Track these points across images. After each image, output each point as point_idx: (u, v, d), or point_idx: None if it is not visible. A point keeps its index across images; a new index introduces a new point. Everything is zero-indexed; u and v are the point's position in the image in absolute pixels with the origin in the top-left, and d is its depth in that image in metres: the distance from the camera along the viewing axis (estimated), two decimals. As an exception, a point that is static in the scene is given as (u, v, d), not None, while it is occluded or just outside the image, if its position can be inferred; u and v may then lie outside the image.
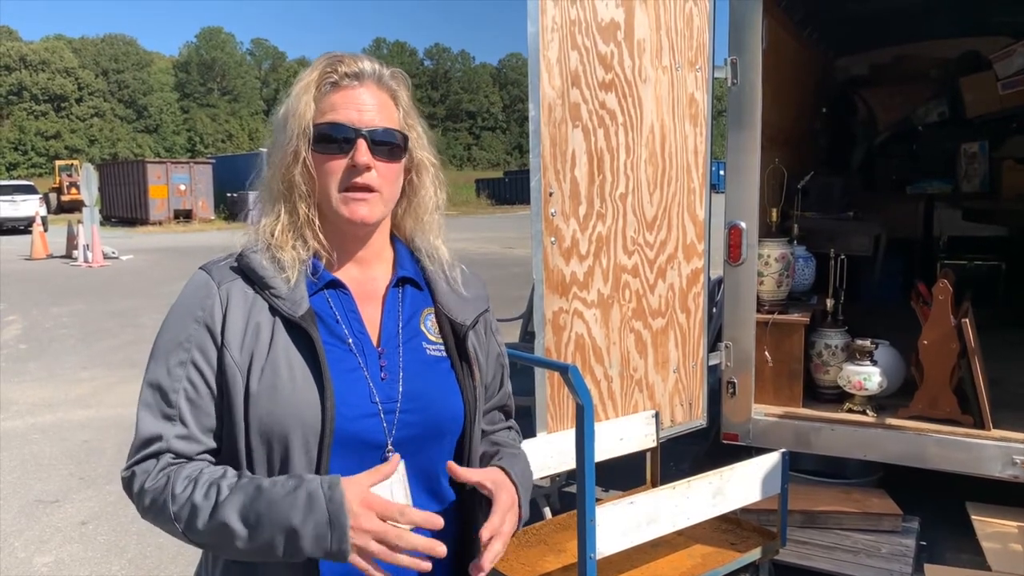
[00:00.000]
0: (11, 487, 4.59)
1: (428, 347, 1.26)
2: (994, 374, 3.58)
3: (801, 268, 3.93)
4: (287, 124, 1.20)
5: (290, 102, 1.21)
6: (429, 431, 1.22)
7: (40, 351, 8.35)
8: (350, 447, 1.15)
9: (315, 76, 1.21)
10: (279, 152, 1.21)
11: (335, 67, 1.21)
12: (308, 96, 1.19)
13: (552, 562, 2.55)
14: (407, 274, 1.29)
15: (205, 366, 1.15)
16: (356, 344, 1.20)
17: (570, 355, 3.06)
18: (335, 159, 1.18)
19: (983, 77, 5.36)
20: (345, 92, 1.20)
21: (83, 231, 16.51)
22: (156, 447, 1.14)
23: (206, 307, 1.17)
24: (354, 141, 1.18)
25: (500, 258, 16.14)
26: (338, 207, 1.19)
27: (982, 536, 3.10)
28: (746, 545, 2.63)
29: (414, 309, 1.28)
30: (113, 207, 30.74)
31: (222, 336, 1.15)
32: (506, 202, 39.06)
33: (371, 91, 1.21)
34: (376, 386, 1.18)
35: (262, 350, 1.15)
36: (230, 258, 1.22)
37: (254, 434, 1.13)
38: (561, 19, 2.87)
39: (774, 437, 3.53)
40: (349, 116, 1.19)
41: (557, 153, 2.92)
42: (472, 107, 79.07)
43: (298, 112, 1.19)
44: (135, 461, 1.16)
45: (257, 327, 1.16)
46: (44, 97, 60.46)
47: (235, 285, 1.18)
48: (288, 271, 1.18)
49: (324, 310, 1.20)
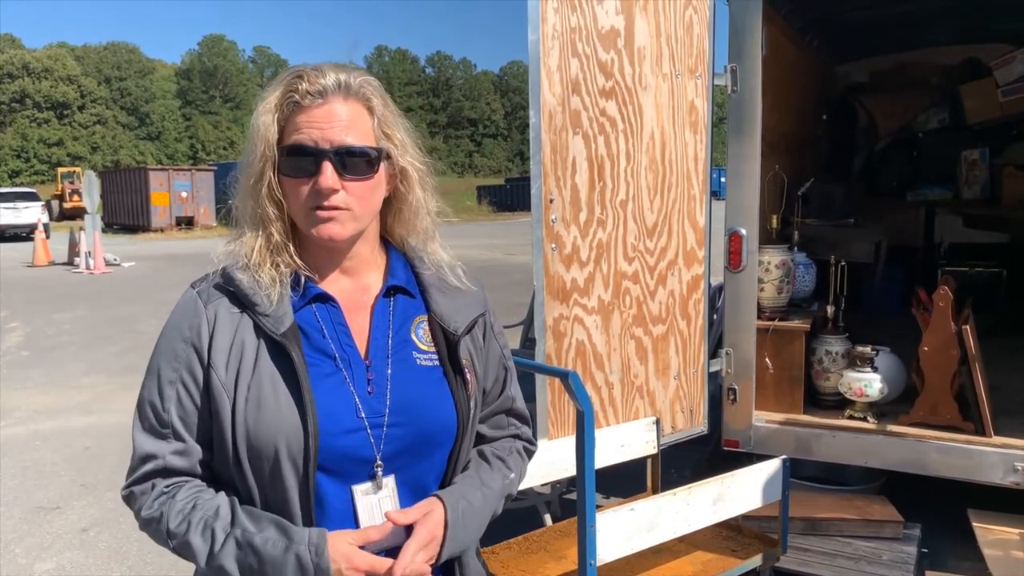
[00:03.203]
0: (12, 494, 4.59)
1: (419, 356, 1.24)
2: (995, 381, 3.58)
3: (802, 275, 3.93)
4: (254, 148, 1.17)
5: (254, 122, 1.17)
6: (419, 443, 1.20)
7: (42, 358, 8.35)
8: (338, 463, 1.14)
9: (276, 95, 1.16)
10: (247, 176, 1.19)
11: (296, 85, 1.15)
12: (269, 117, 1.16)
13: (553, 569, 2.54)
14: (397, 283, 1.26)
15: (192, 385, 1.16)
16: (343, 358, 1.18)
17: (571, 361, 3.06)
18: (301, 182, 1.15)
19: (983, 84, 5.37)
20: (309, 111, 1.15)
21: (85, 238, 16.53)
22: (153, 465, 1.17)
23: (193, 327, 1.17)
24: (319, 162, 1.13)
25: (501, 265, 16.14)
26: (307, 227, 1.17)
27: (983, 543, 3.09)
28: (747, 552, 2.62)
29: (405, 318, 1.25)
30: (115, 214, 30.77)
31: (208, 356, 1.15)
32: (507, 209, 39.08)
33: (338, 105, 1.15)
34: (362, 400, 1.17)
35: (247, 369, 1.14)
36: (215, 275, 1.21)
37: (242, 452, 1.13)
38: (562, 27, 2.88)
39: (775, 444, 3.52)
40: (312, 136, 1.14)
41: (558, 160, 2.93)
42: (473, 114, 79.25)
43: (260, 134, 1.16)
44: (133, 480, 1.19)
45: (242, 345, 1.15)
46: (47, 104, 60.68)
47: (221, 304, 1.18)
48: (269, 289, 1.17)
49: (310, 324, 1.19)
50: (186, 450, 1.17)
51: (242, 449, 1.13)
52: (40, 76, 60.34)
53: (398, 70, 76.47)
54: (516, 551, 2.66)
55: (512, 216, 35.83)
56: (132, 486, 1.19)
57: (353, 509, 1.16)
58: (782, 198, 4.02)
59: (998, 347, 4.17)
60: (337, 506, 1.15)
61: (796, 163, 4.66)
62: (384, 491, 1.17)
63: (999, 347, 4.22)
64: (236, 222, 1.23)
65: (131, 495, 1.19)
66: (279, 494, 1.14)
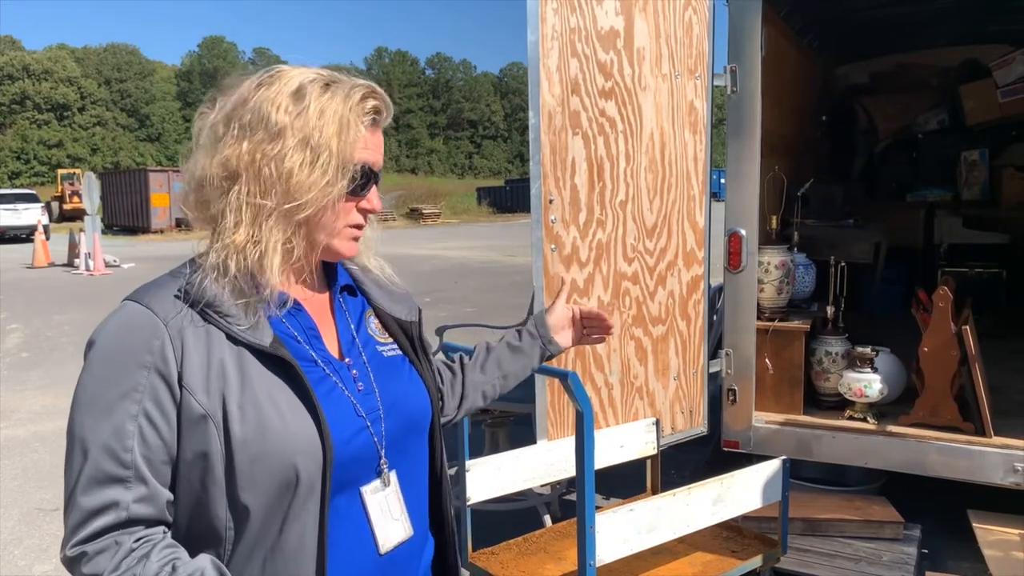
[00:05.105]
0: (11, 495, 4.59)
1: (383, 349, 1.24)
2: (995, 381, 3.58)
3: (801, 275, 3.93)
4: (321, 152, 1.06)
5: (323, 127, 1.07)
6: (408, 431, 1.21)
7: (42, 359, 8.35)
8: (349, 469, 1.10)
9: (365, 108, 1.11)
10: (305, 178, 1.06)
11: (380, 100, 1.12)
12: (357, 131, 1.09)
13: (552, 570, 2.54)
14: (345, 282, 1.26)
15: (160, 419, 1.01)
16: (324, 362, 1.14)
17: (570, 362, 3.06)
18: (354, 200, 1.14)
19: (983, 85, 5.38)
20: (375, 131, 1.14)
21: (85, 239, 16.54)
22: (113, 517, 0.99)
23: (154, 349, 1.01)
24: (373, 185, 1.15)
25: (501, 266, 16.15)
26: (338, 243, 1.14)
27: (984, 544, 3.09)
28: (747, 553, 2.62)
29: (357, 315, 1.25)
30: (115, 215, 30.79)
31: (180, 381, 1.01)
32: (507, 210, 39.11)
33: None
34: (357, 399, 1.14)
35: (234, 389, 1.02)
36: (170, 284, 1.08)
37: (245, 484, 1.01)
38: (561, 27, 2.88)
39: (775, 444, 3.52)
40: (376, 159, 1.14)
41: (557, 160, 2.93)
42: (473, 116, 79.27)
43: (344, 147, 1.08)
44: (86, 538, 0.99)
45: (221, 363, 1.03)
46: (47, 106, 60.69)
47: (184, 318, 1.04)
48: (248, 296, 1.07)
49: (283, 331, 1.12)
50: (151, 496, 1.01)
51: (244, 481, 1.01)
52: (40, 78, 60.37)
53: (398, 71, 76.48)
54: (516, 552, 2.65)
55: (512, 218, 35.85)
56: (84, 544, 0.98)
57: (365, 512, 1.13)
58: (782, 199, 4.02)
59: (998, 348, 4.17)
60: (348, 516, 1.12)
61: (796, 164, 4.66)
62: (391, 487, 1.17)
63: (999, 348, 4.22)
64: (223, 216, 1.09)
65: (82, 555, 0.98)
66: (294, 521, 1.04)
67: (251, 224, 1.07)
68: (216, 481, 1.01)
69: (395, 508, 1.17)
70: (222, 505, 1.02)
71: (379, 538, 1.15)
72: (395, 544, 1.17)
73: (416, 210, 35.88)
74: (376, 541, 1.14)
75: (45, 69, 60.85)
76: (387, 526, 1.16)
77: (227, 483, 1.01)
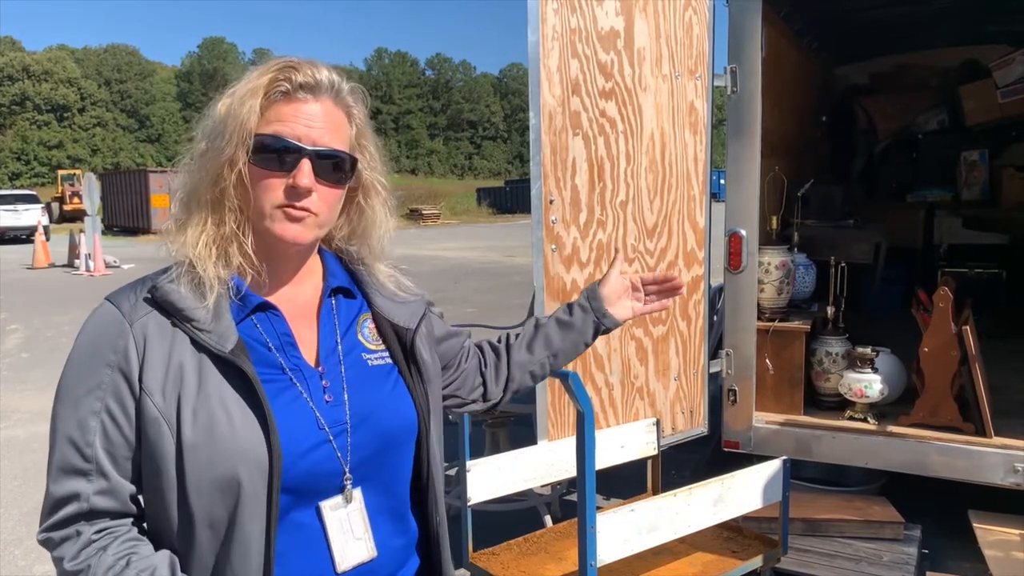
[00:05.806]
0: (11, 496, 4.59)
1: (369, 357, 1.19)
2: (995, 381, 3.58)
3: (801, 276, 3.93)
4: (225, 127, 1.07)
5: (232, 104, 1.08)
6: (383, 447, 1.15)
7: (42, 360, 8.34)
8: (305, 481, 1.07)
9: (265, 80, 1.08)
10: (212, 157, 1.08)
11: (289, 75, 1.08)
12: (254, 101, 1.07)
13: (553, 570, 2.54)
14: (339, 283, 1.21)
15: (121, 416, 1.04)
16: (293, 369, 1.10)
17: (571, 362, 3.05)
18: (274, 176, 1.07)
19: (983, 85, 5.39)
20: (296, 104, 1.08)
21: (85, 240, 16.55)
22: (75, 507, 1.04)
23: (118, 349, 1.04)
24: (298, 160, 1.07)
25: (501, 267, 16.16)
26: (270, 224, 1.08)
27: (984, 544, 3.09)
28: (747, 553, 2.62)
29: (349, 319, 1.20)
30: (115, 216, 30.78)
31: (140, 381, 1.03)
32: (507, 211, 39.13)
33: (325, 106, 1.10)
34: (321, 411, 1.10)
35: (190, 392, 1.03)
36: (142, 287, 1.09)
37: (193, 488, 1.01)
38: (561, 28, 2.88)
39: (775, 445, 3.52)
40: (296, 131, 1.07)
41: (558, 161, 2.93)
42: (473, 116, 79.28)
43: (240, 117, 1.06)
44: (52, 525, 1.05)
45: (180, 367, 1.03)
46: (47, 107, 60.70)
47: (150, 320, 1.05)
48: (208, 295, 1.06)
49: (254, 337, 1.09)
50: (112, 488, 1.04)
51: (193, 485, 1.01)
52: (40, 78, 60.37)
53: (398, 72, 76.51)
54: (516, 552, 2.66)
55: (512, 218, 35.88)
56: (51, 531, 1.04)
57: (322, 528, 1.09)
58: (782, 199, 4.02)
59: (998, 348, 4.17)
60: (304, 530, 1.09)
61: (796, 164, 4.66)
62: (353, 504, 1.12)
63: (999, 348, 4.22)
64: (176, 213, 1.11)
65: (49, 541, 1.05)
66: (238, 530, 1.03)
67: (188, 218, 1.10)
68: (168, 482, 1.03)
69: (358, 527, 1.12)
70: (174, 506, 1.03)
71: (336, 556, 1.10)
72: (354, 564, 1.12)
73: (416, 211, 35.89)
74: (333, 559, 1.10)
75: (45, 70, 60.86)
76: (346, 544, 1.11)
77: (178, 486, 1.02)
